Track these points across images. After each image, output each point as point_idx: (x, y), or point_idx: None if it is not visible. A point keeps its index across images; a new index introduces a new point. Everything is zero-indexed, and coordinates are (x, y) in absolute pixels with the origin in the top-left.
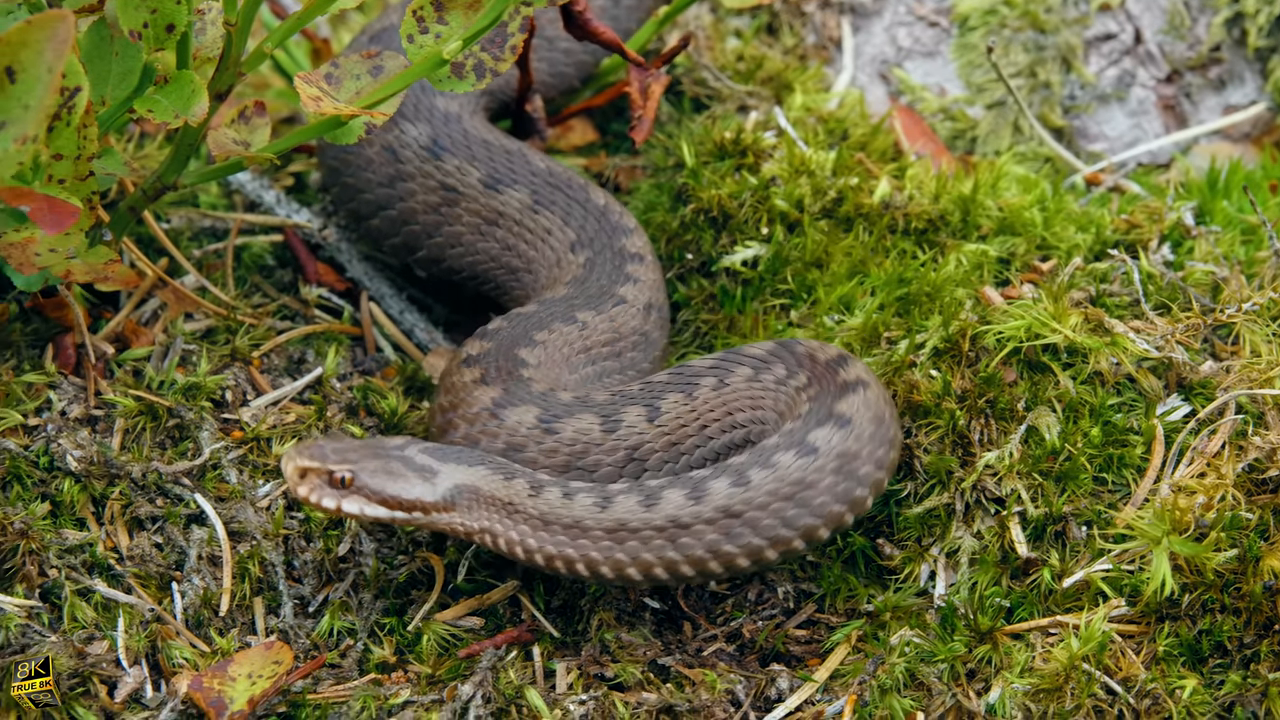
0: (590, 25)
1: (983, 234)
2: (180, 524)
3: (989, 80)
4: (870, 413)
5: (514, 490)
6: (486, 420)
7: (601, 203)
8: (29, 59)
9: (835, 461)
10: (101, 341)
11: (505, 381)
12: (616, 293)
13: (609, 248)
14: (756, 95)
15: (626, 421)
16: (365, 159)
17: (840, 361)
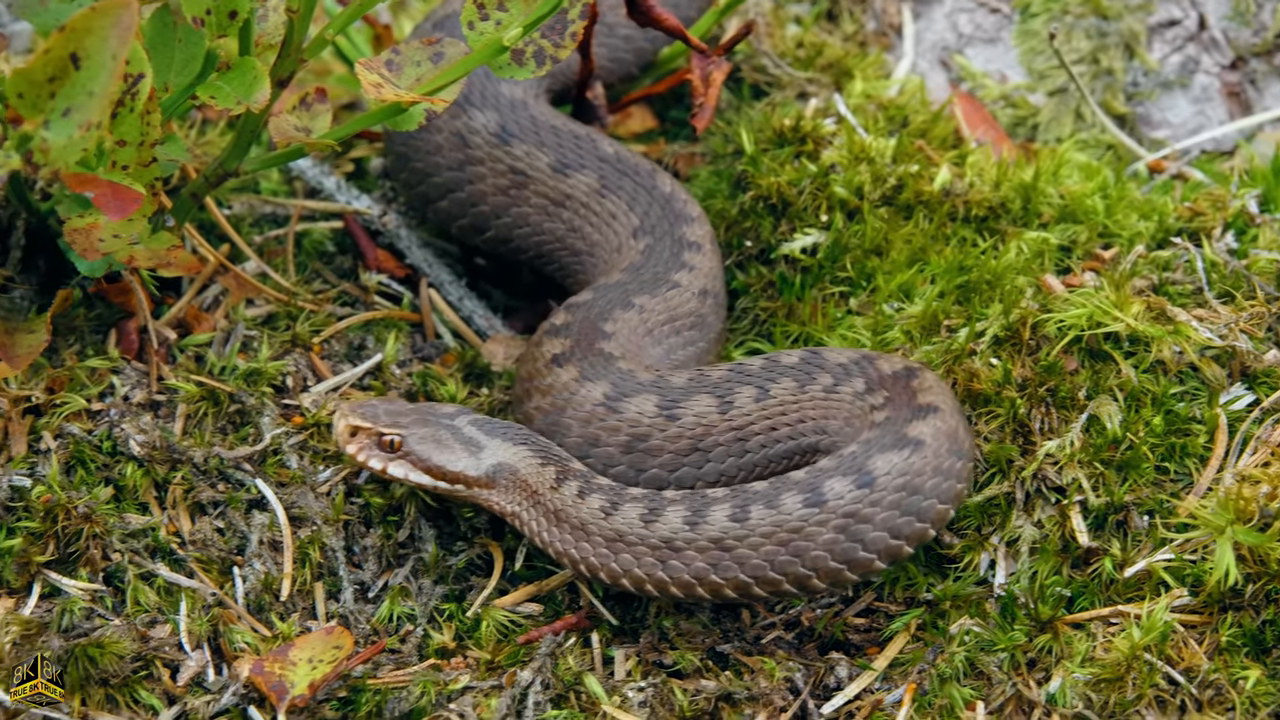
0: (653, 12)
1: (1044, 222)
2: (241, 509)
3: (1051, 67)
4: (944, 441)
5: (542, 478)
6: (603, 416)
7: (667, 190)
8: (93, 45)
9: (895, 495)
10: (164, 327)
11: (588, 365)
12: (671, 278)
13: (669, 235)
14: (816, 82)
15: (695, 411)
16: (435, 144)
17: (916, 378)
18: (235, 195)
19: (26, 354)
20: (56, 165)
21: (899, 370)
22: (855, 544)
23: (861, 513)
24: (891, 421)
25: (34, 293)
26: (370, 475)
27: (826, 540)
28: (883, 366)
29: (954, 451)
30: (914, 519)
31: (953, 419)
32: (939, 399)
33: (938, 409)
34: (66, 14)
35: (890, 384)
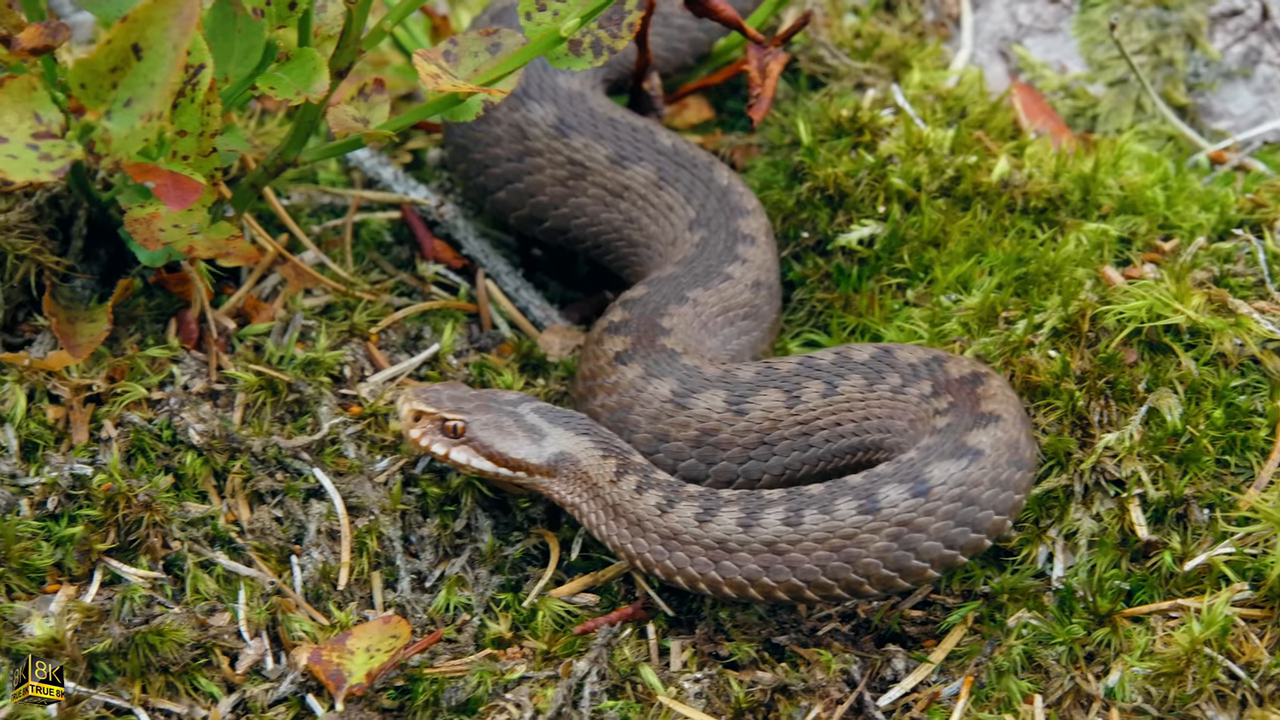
0: (710, 2)
1: (1103, 213)
2: (300, 498)
3: (1111, 57)
4: (1004, 451)
5: (603, 470)
6: (672, 413)
7: (725, 182)
8: (155, 36)
9: (951, 505)
10: (223, 316)
11: (653, 361)
12: (723, 271)
13: (724, 228)
14: (874, 73)
15: (763, 406)
16: (494, 136)
17: (982, 384)
18: (294, 185)
19: (88, 343)
20: (118, 155)
21: (966, 375)
22: (908, 552)
23: (916, 521)
24: (952, 429)
25: (95, 282)
26: (428, 463)
27: (879, 548)
28: (951, 370)
29: (1013, 462)
30: (969, 529)
31: (1015, 429)
32: (1002, 407)
33: (1000, 418)
34: (129, 4)
35: (956, 389)
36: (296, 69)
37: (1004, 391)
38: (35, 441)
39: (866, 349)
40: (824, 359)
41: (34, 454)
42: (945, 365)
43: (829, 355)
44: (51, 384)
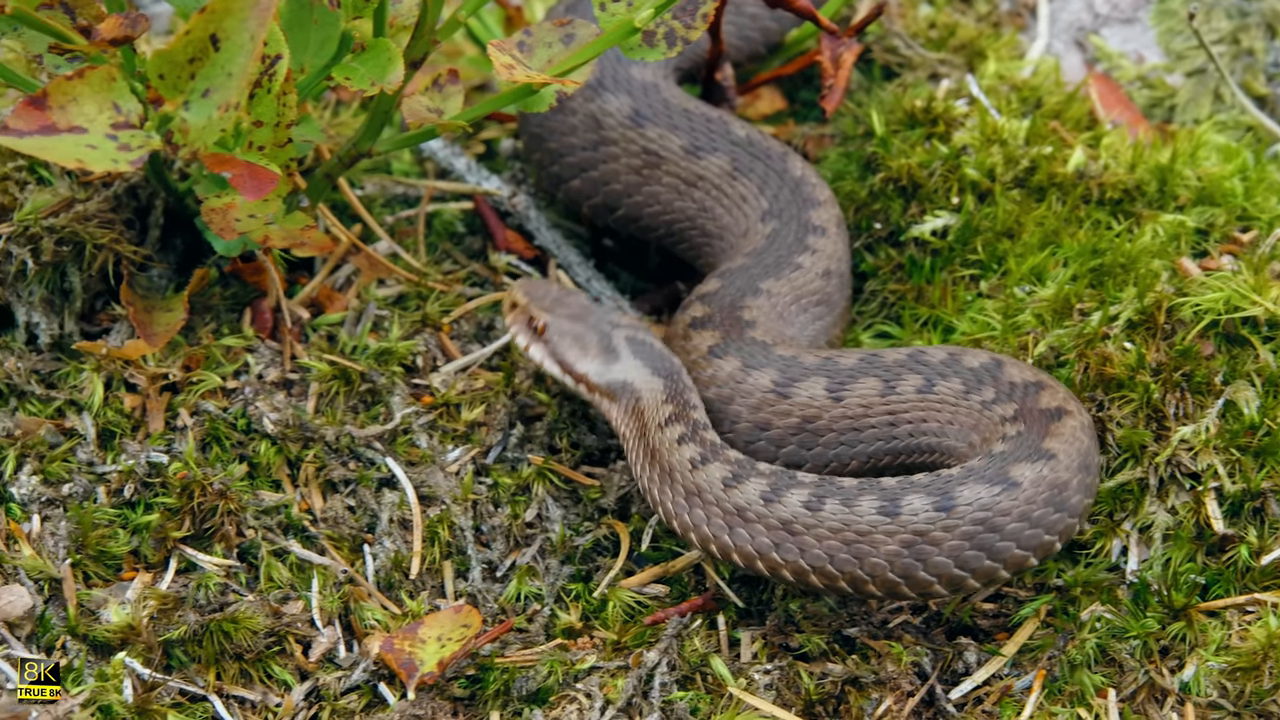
0: None
1: (1180, 204)
2: (372, 487)
3: (1189, 47)
4: (1076, 458)
5: (657, 414)
6: (774, 402)
7: (798, 174)
8: (232, 27)
9: (1031, 505)
10: (297, 306)
11: (749, 354)
12: (794, 261)
13: (796, 219)
14: (948, 63)
15: (808, 394)
16: (569, 126)
17: (1046, 393)
18: (367, 176)
19: (164, 332)
20: (195, 145)
21: (1051, 407)
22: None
23: (992, 521)
24: (1024, 436)
25: (172, 271)
26: (500, 453)
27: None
28: (1044, 400)
29: (1083, 467)
30: (1042, 531)
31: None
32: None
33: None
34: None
35: (1026, 409)
36: (372, 60)
37: (1064, 395)
38: (112, 430)
39: (981, 355)
40: (935, 355)
41: (111, 442)
42: (1040, 394)
43: (941, 353)
44: (128, 373)
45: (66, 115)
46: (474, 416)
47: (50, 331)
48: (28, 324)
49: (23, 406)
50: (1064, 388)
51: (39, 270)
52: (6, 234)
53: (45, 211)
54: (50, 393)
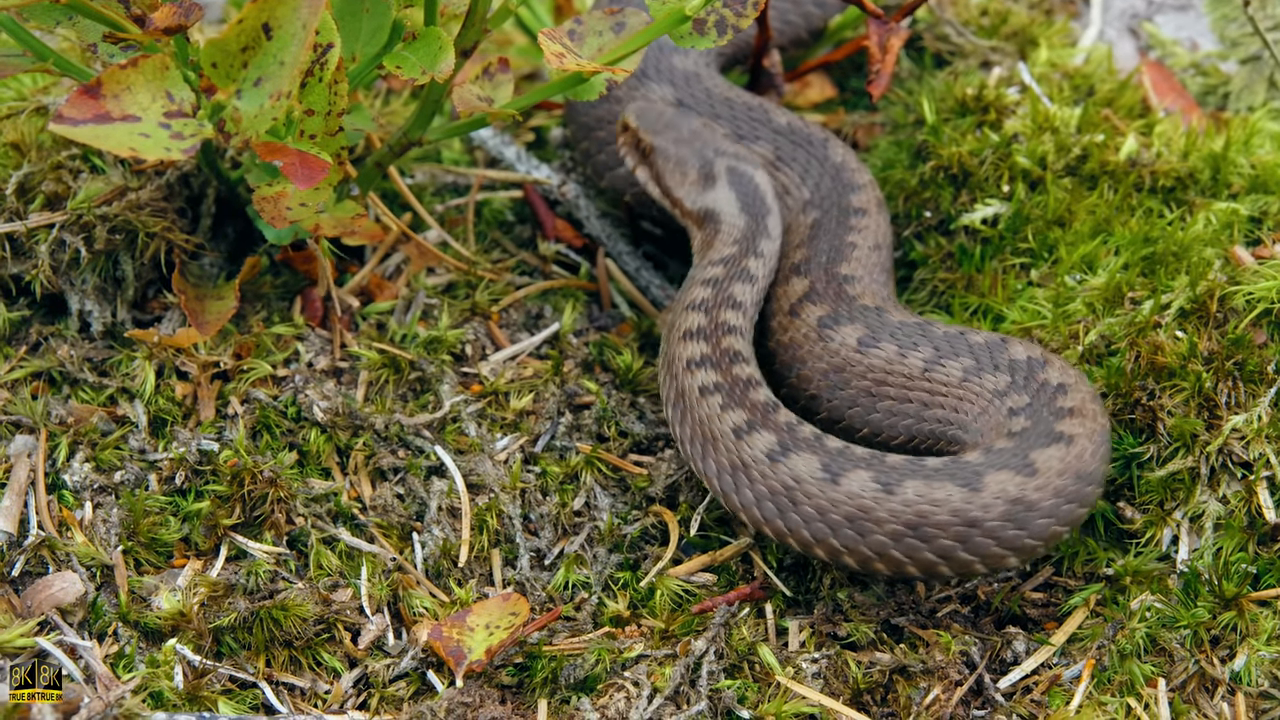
0: None
1: (1233, 192)
2: (421, 475)
3: (1244, 34)
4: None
5: (720, 242)
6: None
7: (839, 159)
8: (285, 15)
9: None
10: (347, 295)
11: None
12: (846, 240)
13: (836, 205)
14: (1000, 51)
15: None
16: (615, 114)
17: (1061, 392)
18: (418, 164)
19: (215, 320)
20: (247, 134)
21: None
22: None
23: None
24: (1030, 431)
25: (223, 260)
26: (549, 441)
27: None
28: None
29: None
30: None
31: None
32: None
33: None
34: None
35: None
36: (423, 48)
37: (1083, 390)
38: (164, 417)
39: (1031, 348)
40: (1020, 353)
41: (162, 430)
42: (1030, 365)
43: (1024, 349)
44: (180, 360)
45: (120, 104)
46: (522, 405)
47: (103, 319)
48: (80, 312)
49: (75, 394)
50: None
51: (92, 258)
52: (60, 222)
53: (98, 200)
54: (103, 380)
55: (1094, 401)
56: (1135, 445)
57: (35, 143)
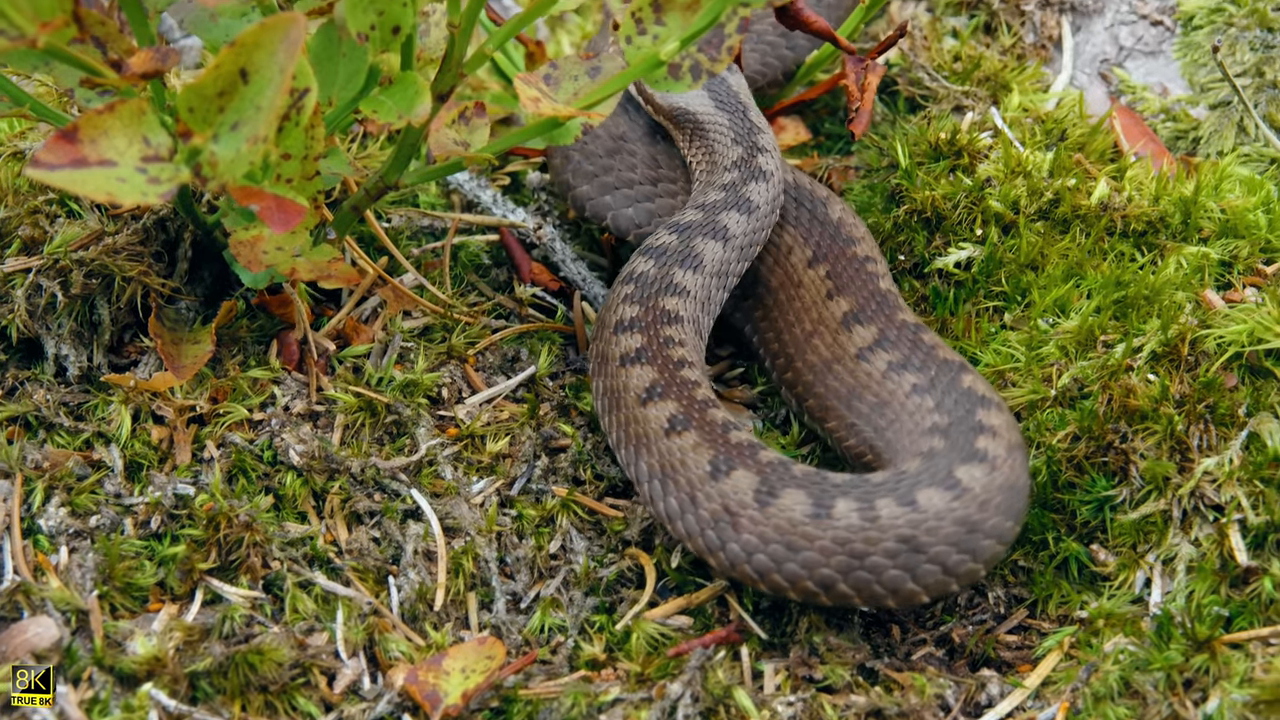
0: (802, 15)
1: (1204, 236)
2: (397, 519)
3: (1213, 80)
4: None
5: (726, 155)
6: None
7: (836, 217)
8: (262, 60)
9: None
10: (323, 338)
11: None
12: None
13: (843, 256)
14: (973, 95)
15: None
16: (596, 147)
17: (982, 404)
18: (394, 208)
19: (192, 364)
20: (224, 178)
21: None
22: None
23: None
24: (944, 454)
25: (199, 304)
26: (524, 484)
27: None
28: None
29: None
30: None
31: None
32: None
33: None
34: (236, 29)
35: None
36: (399, 93)
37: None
38: (140, 461)
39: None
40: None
41: (138, 474)
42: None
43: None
44: (156, 405)
45: (97, 149)
46: (499, 448)
47: (79, 364)
48: (57, 356)
49: (51, 438)
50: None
51: (68, 303)
52: (37, 267)
53: (75, 244)
54: (79, 425)
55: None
56: (1108, 488)
57: (12, 188)
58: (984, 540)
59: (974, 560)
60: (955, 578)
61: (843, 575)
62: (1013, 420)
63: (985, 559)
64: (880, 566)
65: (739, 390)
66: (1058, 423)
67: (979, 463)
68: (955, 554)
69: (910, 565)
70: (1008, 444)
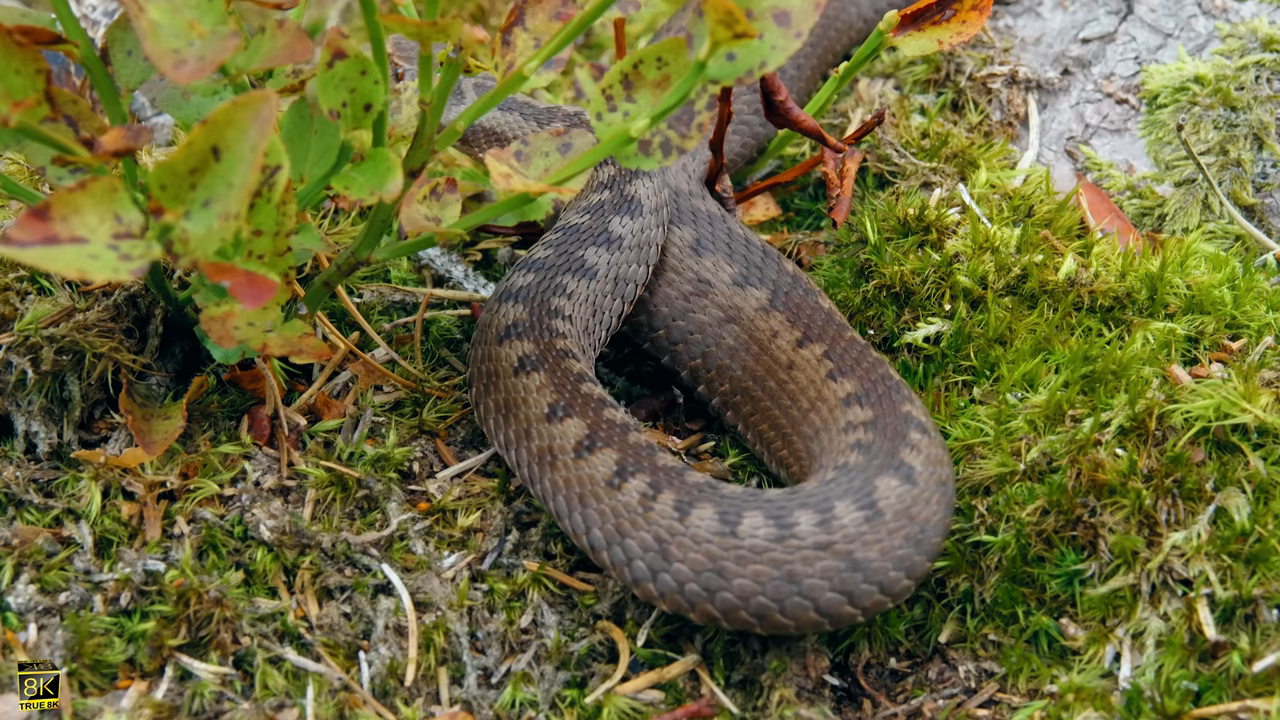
0: (792, 114)
1: (1170, 312)
2: (368, 594)
3: (1178, 157)
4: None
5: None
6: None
7: (826, 306)
8: (234, 138)
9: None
10: (294, 413)
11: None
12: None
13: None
14: (941, 172)
15: None
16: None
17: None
18: (365, 283)
19: (162, 440)
20: (195, 255)
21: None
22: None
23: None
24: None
25: (170, 380)
26: (495, 559)
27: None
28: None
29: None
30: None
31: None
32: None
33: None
34: (208, 107)
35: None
36: (371, 169)
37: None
38: (109, 538)
39: None
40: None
41: (108, 550)
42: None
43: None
44: (126, 480)
45: (69, 226)
46: (470, 522)
47: (49, 440)
48: (27, 433)
49: (21, 515)
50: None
51: (39, 379)
52: (7, 344)
53: (45, 321)
54: (48, 501)
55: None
56: (1077, 562)
57: None
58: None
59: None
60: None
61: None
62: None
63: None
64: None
65: (710, 463)
66: (1027, 497)
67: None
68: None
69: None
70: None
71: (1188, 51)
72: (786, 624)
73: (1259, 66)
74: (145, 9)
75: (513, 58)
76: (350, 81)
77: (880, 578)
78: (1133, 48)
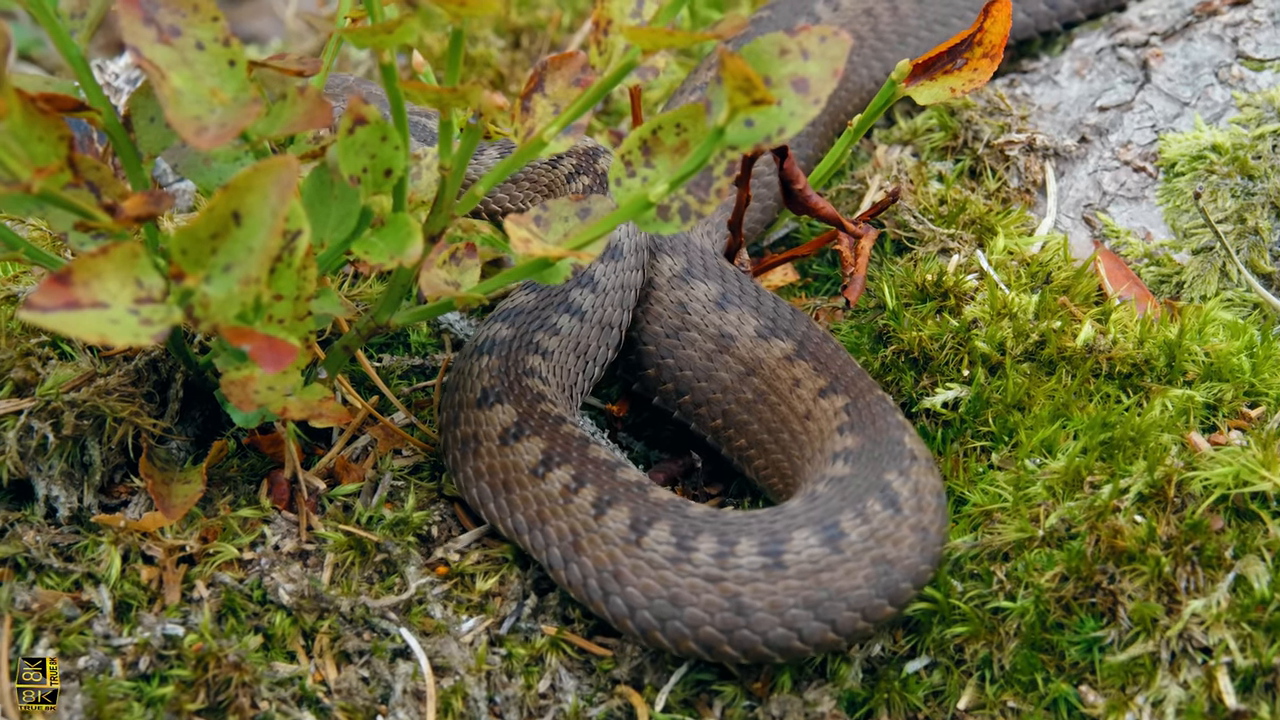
0: (810, 201)
1: (1189, 379)
2: (386, 658)
3: (1196, 225)
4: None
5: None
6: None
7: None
8: (254, 203)
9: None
10: (314, 477)
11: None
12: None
13: (865, 393)
14: (958, 238)
15: None
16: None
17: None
18: (384, 352)
19: (182, 504)
20: (216, 319)
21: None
22: None
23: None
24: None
25: (190, 444)
26: (514, 623)
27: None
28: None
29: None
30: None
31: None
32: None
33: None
34: (229, 173)
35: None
36: (391, 234)
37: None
38: (129, 602)
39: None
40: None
41: (127, 614)
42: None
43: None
44: (146, 545)
45: (90, 291)
46: (488, 587)
47: (69, 505)
48: (47, 497)
49: (40, 580)
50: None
51: (59, 444)
52: (29, 409)
53: (67, 386)
54: (68, 565)
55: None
56: (1096, 629)
57: (5, 330)
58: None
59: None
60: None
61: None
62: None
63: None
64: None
65: None
66: (1045, 563)
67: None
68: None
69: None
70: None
71: (1205, 120)
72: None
73: (1276, 136)
74: (167, 76)
75: (532, 123)
76: (371, 147)
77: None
78: (1150, 116)
